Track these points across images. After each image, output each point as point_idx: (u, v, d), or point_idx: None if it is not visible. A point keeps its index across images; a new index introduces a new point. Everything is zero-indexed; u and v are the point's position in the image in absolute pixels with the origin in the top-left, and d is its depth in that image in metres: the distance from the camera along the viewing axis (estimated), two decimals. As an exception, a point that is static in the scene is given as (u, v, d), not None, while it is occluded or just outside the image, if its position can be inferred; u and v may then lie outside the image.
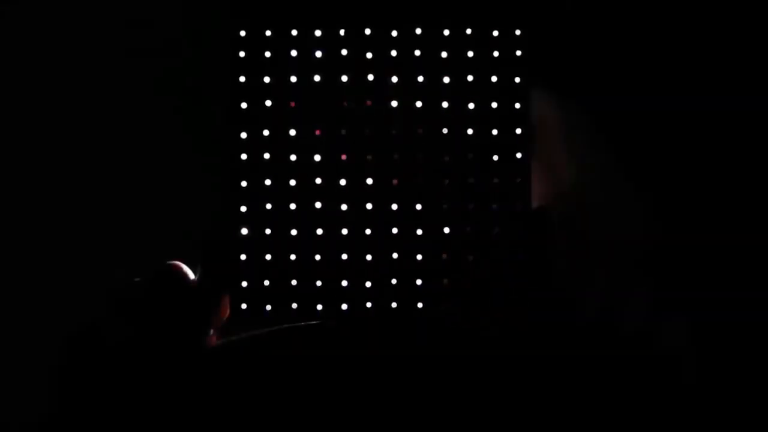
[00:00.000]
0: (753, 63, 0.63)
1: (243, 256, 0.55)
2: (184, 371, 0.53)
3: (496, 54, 0.57)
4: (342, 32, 0.56)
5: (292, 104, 0.55)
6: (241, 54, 0.56)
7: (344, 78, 0.56)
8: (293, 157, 0.56)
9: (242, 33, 0.56)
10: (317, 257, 0.56)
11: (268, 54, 0.56)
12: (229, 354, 0.54)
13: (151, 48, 0.67)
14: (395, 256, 0.56)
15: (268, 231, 0.55)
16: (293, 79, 0.56)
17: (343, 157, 0.56)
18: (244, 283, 0.55)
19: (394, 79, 0.56)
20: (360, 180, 0.56)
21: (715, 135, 0.63)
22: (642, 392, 0.57)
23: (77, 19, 0.67)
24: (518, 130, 0.57)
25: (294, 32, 0.56)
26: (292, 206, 0.56)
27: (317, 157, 0.56)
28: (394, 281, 0.56)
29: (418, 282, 0.56)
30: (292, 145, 0.56)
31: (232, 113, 0.56)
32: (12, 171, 0.67)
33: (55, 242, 0.66)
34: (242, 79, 0.56)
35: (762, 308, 0.59)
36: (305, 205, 0.56)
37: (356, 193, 0.56)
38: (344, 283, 0.56)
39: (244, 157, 0.56)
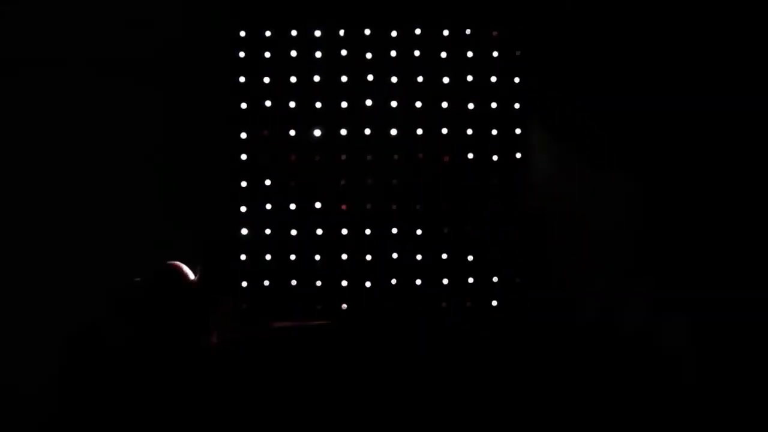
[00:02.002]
0: (753, 64, 0.63)
1: (243, 256, 0.55)
2: (184, 371, 0.53)
3: (495, 54, 0.57)
4: (342, 32, 0.56)
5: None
6: (241, 54, 0.56)
7: (344, 78, 0.56)
8: (293, 157, 0.56)
9: (242, 33, 0.56)
10: (317, 257, 0.56)
11: (267, 54, 0.56)
12: (229, 354, 0.54)
13: (151, 48, 0.67)
14: (395, 256, 0.56)
15: (268, 231, 0.55)
16: (293, 79, 0.56)
17: (343, 157, 0.56)
18: (244, 283, 0.55)
19: (394, 79, 0.56)
20: (360, 180, 0.56)
21: (716, 135, 0.63)
22: (642, 392, 0.57)
23: (77, 19, 0.67)
24: (518, 130, 0.57)
25: (294, 32, 0.56)
26: (292, 206, 0.56)
27: (317, 158, 0.56)
28: (394, 281, 0.56)
29: (418, 282, 0.56)
30: (292, 145, 0.56)
31: (232, 113, 0.56)
32: (12, 171, 0.67)
33: (56, 242, 0.66)
34: (242, 79, 0.56)
35: (762, 308, 0.59)
36: (305, 205, 0.56)
37: (356, 193, 0.56)
38: (344, 283, 0.56)
39: (244, 157, 0.56)
